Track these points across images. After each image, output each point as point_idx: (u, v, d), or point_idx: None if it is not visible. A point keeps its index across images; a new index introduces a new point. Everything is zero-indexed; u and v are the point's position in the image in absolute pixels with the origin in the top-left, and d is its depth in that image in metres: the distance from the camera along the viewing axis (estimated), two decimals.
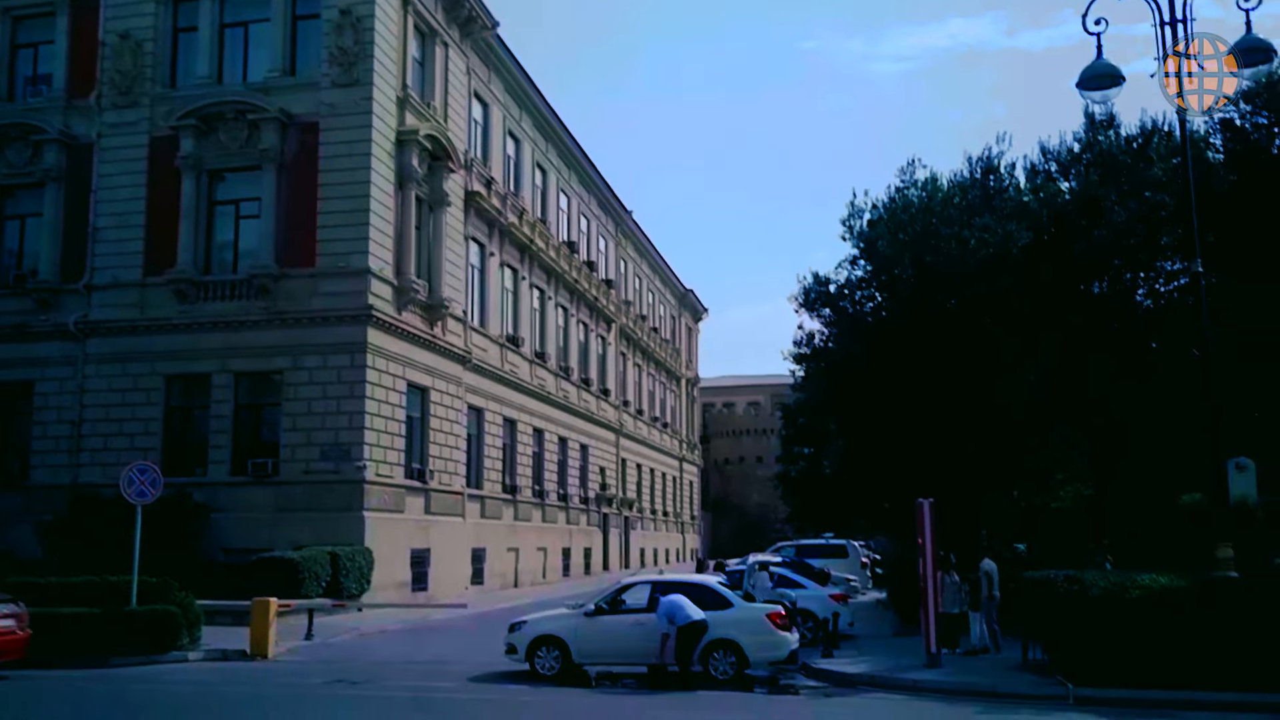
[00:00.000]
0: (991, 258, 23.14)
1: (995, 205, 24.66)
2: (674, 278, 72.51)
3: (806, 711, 14.86)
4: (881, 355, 25.37)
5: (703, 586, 17.91)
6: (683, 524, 73.41)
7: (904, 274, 24.78)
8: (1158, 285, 23.93)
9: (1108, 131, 24.53)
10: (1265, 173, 20.21)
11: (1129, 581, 16.01)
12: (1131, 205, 22.80)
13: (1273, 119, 20.40)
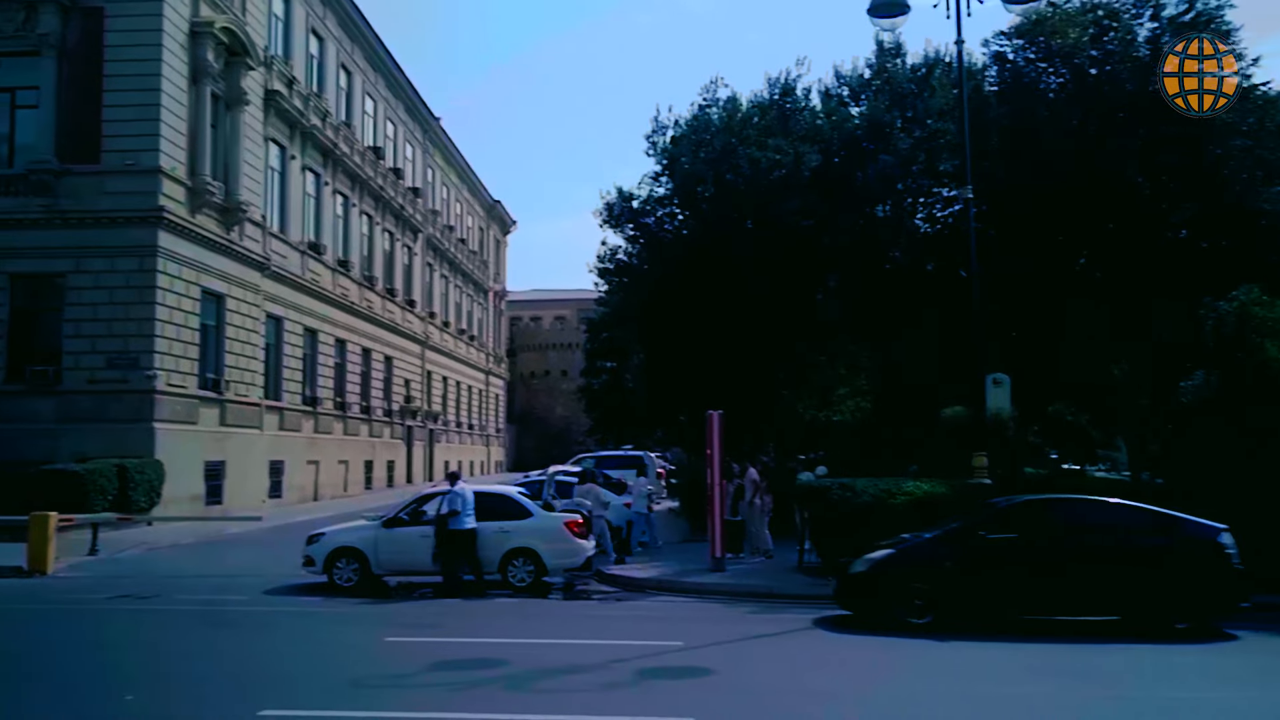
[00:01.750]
0: (784, 179, 24.01)
1: (791, 127, 25.50)
2: (483, 189, 71.49)
3: (595, 614, 15.55)
4: (682, 271, 26.02)
5: (503, 496, 18.30)
6: (488, 437, 73.68)
7: (705, 192, 25.39)
8: (936, 210, 25.41)
9: (895, 60, 25.65)
10: (1032, 105, 21.63)
11: (895, 488, 17.42)
12: (915, 132, 24.06)
13: (1040, 55, 21.83)
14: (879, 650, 12.33)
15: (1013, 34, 22.20)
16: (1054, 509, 14.40)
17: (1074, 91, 21.41)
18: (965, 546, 13.72)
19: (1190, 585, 13.19)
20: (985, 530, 13.82)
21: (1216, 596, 13.31)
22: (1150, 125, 20.47)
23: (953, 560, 13.61)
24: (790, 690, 10.19)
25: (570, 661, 11.33)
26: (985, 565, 13.57)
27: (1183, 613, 13.22)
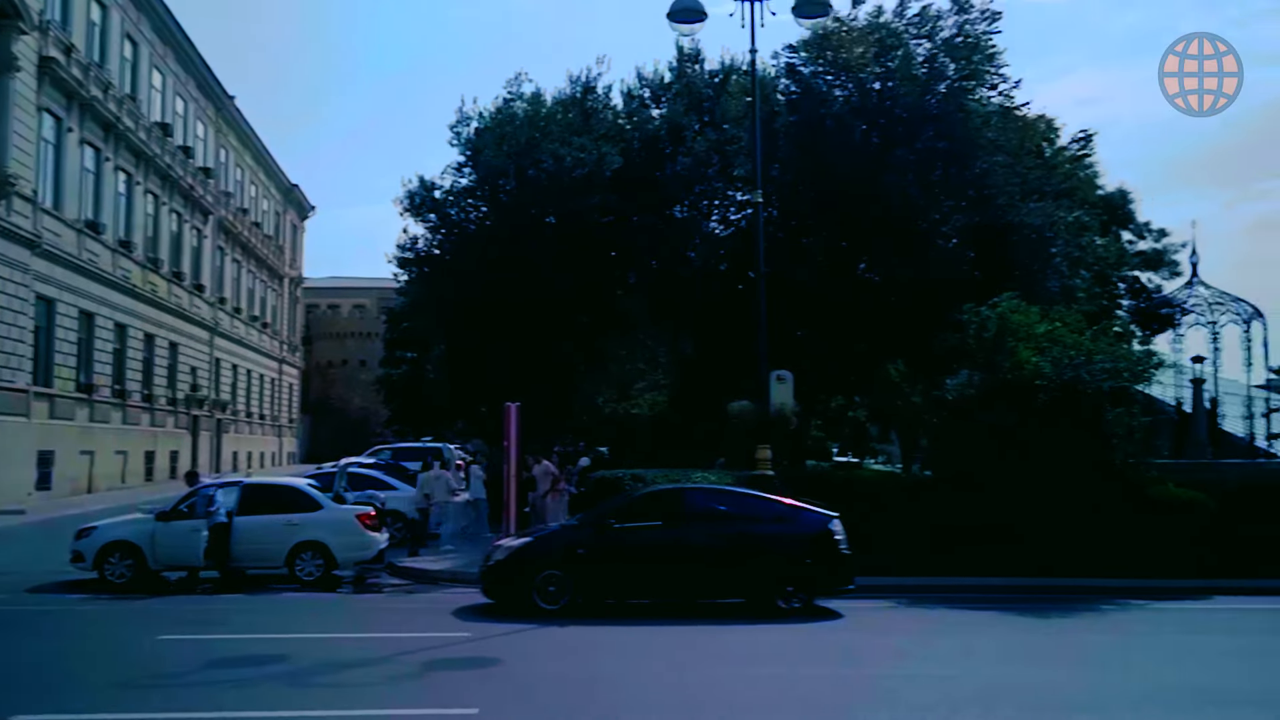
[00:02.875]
0: (587, 176, 24.37)
1: (593, 125, 25.89)
2: (280, 172, 68.84)
3: (385, 607, 15.42)
4: (484, 264, 25.99)
5: (291, 488, 17.85)
6: (280, 427, 71.10)
7: (507, 185, 25.45)
8: (730, 213, 26.35)
9: (695, 65, 26.44)
10: (820, 116, 22.74)
11: (684, 479, 18.01)
12: (712, 136, 24.87)
13: (828, 68, 23.00)
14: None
15: (802, 47, 23.28)
16: (684, 498, 15.29)
17: (858, 105, 22.66)
18: (598, 534, 14.31)
19: (805, 568, 14.19)
20: (615, 519, 14.47)
21: (827, 578, 14.35)
22: (926, 140, 21.92)
23: (586, 548, 14.16)
24: (574, 679, 10.43)
25: (356, 655, 11.24)
26: (617, 552, 14.18)
27: (799, 593, 14.09)
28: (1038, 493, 17.20)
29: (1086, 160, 26.91)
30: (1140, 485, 17.95)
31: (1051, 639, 13.39)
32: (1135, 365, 19.19)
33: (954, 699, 9.40)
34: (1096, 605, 15.74)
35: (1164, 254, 30.32)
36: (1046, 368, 17.73)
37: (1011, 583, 16.84)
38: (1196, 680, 10.33)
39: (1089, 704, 9.40)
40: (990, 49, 22.43)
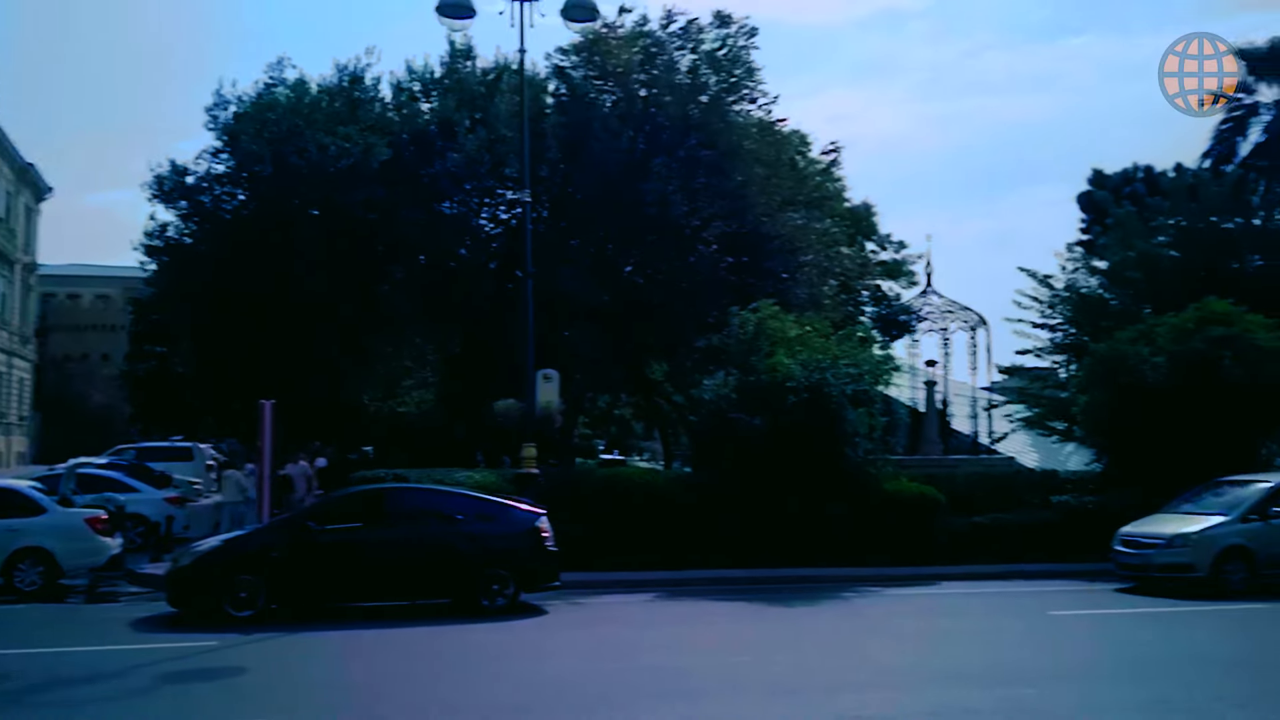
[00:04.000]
0: (353, 167, 23.73)
1: (360, 116, 25.24)
2: (12, 149, 63.12)
3: (119, 616, 14.45)
4: (241, 254, 24.82)
5: (11, 491, 16.47)
6: (9, 425, 65.22)
7: (264, 171, 24.42)
8: (500, 211, 26.30)
9: (467, 62, 26.24)
10: (588, 119, 23.05)
11: (447, 478, 17.84)
12: (482, 134, 24.75)
13: (596, 73, 23.39)
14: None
15: (572, 51, 23.59)
16: (386, 498, 15.06)
17: (625, 110, 23.17)
18: (294, 537, 13.83)
19: (511, 566, 14.15)
20: (314, 521, 14.06)
21: (534, 575, 14.42)
22: (689, 148, 22.66)
23: (280, 551, 13.64)
24: (326, 685, 10.16)
25: (86, 669, 10.51)
26: (315, 555, 13.70)
27: (505, 591, 14.05)
28: (788, 488, 18.12)
29: (835, 174, 28.60)
30: (878, 480, 19.23)
31: (786, 626, 14.06)
32: (875, 369, 20.51)
33: (634, 687, 9.66)
34: (839, 593, 16.66)
35: (903, 264, 32.62)
36: (796, 370, 18.66)
37: (763, 574, 17.66)
38: (926, 661, 11.04)
39: (795, 686, 9.77)
40: (749, 64, 23.46)
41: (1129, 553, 16.81)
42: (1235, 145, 35.15)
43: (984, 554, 18.84)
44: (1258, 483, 17.15)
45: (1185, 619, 14.26)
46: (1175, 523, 16.74)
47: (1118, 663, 11.20)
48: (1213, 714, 8.76)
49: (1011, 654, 11.63)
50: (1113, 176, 43.27)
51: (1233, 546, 16.10)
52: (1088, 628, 13.83)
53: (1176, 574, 16.14)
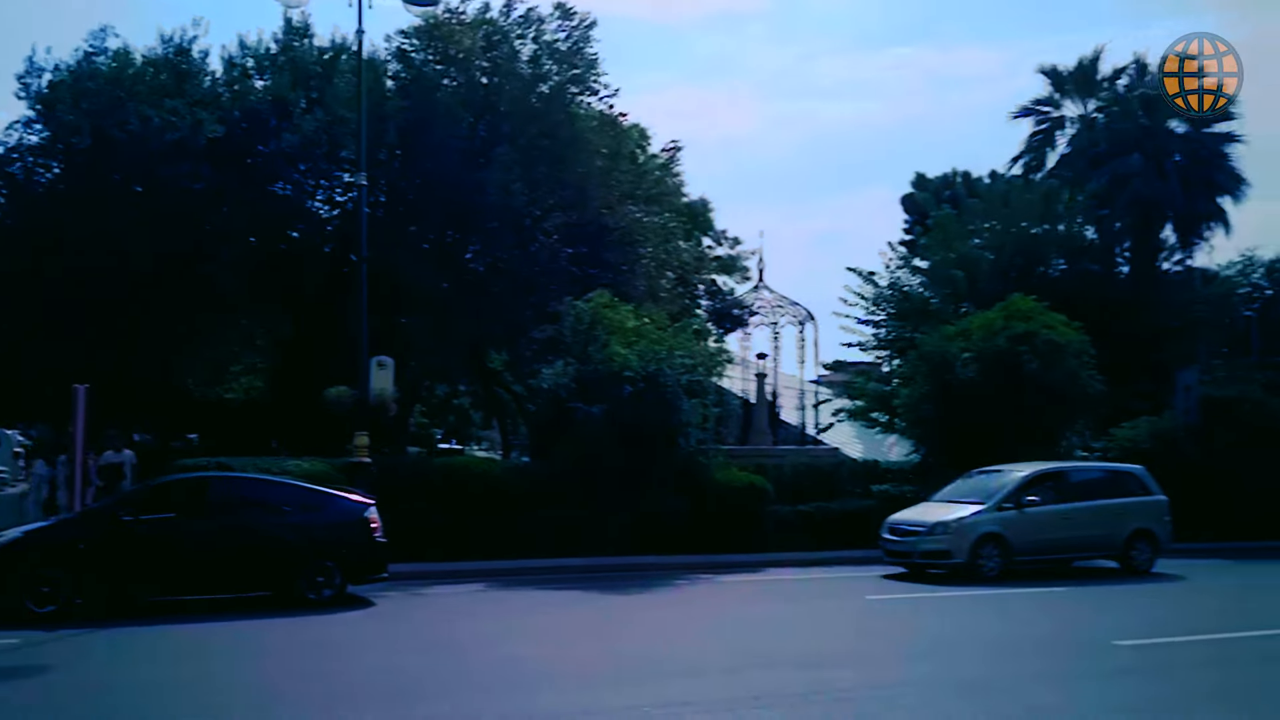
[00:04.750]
0: (179, 143, 22.75)
1: (188, 90, 24.17)
2: None
3: None
4: (55, 230, 23.44)
5: None
6: None
7: (80, 144, 23.13)
8: (336, 194, 25.67)
9: (304, 40, 25.47)
10: (430, 104, 22.74)
11: (276, 468, 17.39)
12: (320, 115, 24.10)
13: (438, 58, 23.12)
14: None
15: (413, 34, 23.24)
16: (207, 487, 14.46)
17: (467, 97, 22.97)
18: (104, 528, 13.25)
19: (337, 557, 13.88)
20: (124, 511, 13.46)
21: (361, 567, 14.19)
22: (531, 137, 22.66)
23: (89, 543, 13.06)
24: (131, 686, 9.75)
25: None
26: (126, 547, 13.12)
27: (332, 582, 13.80)
28: (624, 477, 18.45)
29: (674, 170, 29.09)
30: (710, 469, 19.78)
31: (615, 613, 14.31)
32: (709, 360, 21.09)
33: (454, 679, 9.67)
34: (671, 581, 17.04)
35: (737, 260, 33.45)
36: (633, 361, 18.99)
37: (598, 562, 17.95)
38: (747, 646, 11.37)
39: (615, 674, 9.89)
40: (591, 57, 23.61)
41: (895, 540, 17.49)
42: (1044, 155, 37.43)
43: (808, 541, 19.62)
44: (1014, 473, 17.92)
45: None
46: (938, 511, 17.51)
47: (927, 643, 11.78)
48: (1020, 690, 9.29)
49: (827, 638, 12.10)
50: (934, 180, 45.48)
51: (988, 534, 16.83)
52: (906, 611, 14.50)
53: (937, 560, 16.89)
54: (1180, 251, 35.53)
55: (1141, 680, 9.72)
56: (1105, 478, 18.87)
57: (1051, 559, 17.48)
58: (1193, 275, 35.14)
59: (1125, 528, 17.74)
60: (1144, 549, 17.79)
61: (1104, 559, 17.94)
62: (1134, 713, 8.54)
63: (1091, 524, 17.63)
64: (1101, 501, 17.98)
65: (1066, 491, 18.01)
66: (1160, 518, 18.16)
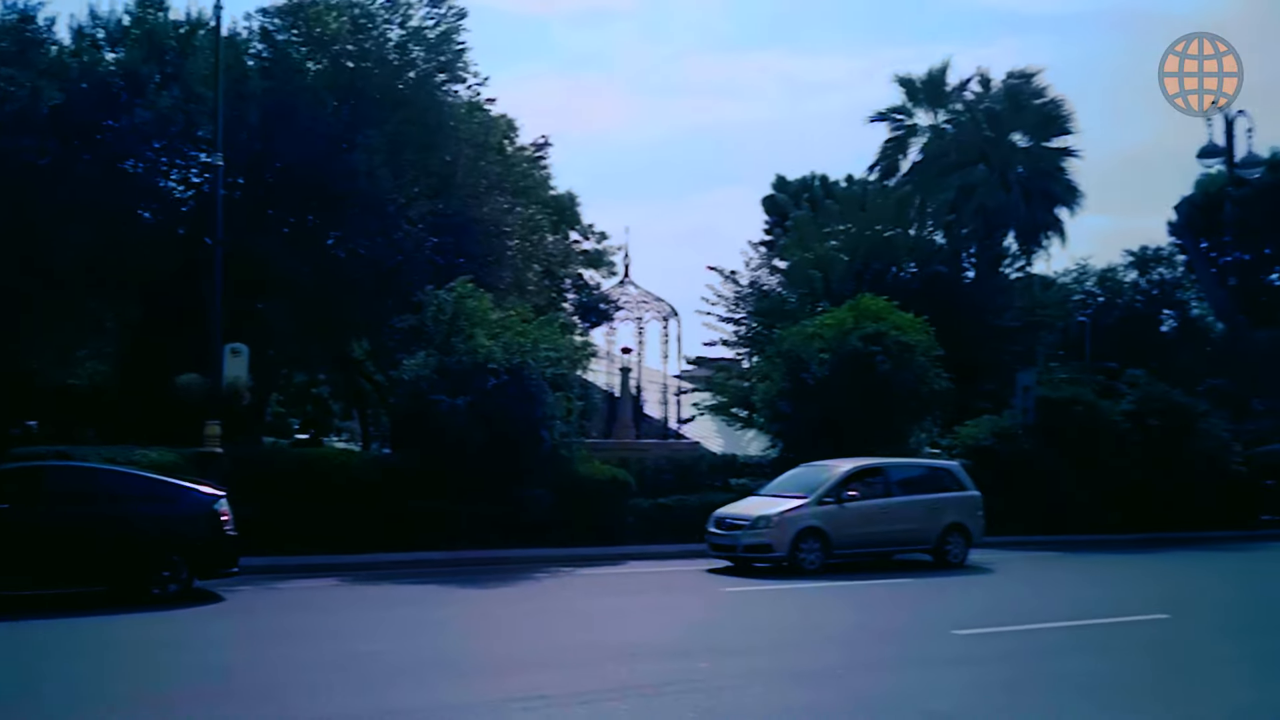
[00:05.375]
0: (19, 113, 21.55)
1: (31, 58, 22.87)
2: None
3: None
4: None
5: None
6: None
7: None
8: (192, 175, 24.68)
9: (159, 12, 24.41)
10: (293, 85, 22.08)
11: (123, 457, 16.71)
12: (176, 92, 23.13)
13: (302, 38, 22.51)
14: None
15: (276, 12, 22.58)
16: (44, 477, 13.93)
17: (332, 80, 22.42)
18: None
19: (184, 551, 13.55)
20: None
21: (210, 561, 13.88)
22: (397, 124, 22.29)
23: None
24: None
25: None
26: None
27: (177, 577, 13.47)
28: (486, 469, 18.41)
29: (542, 162, 29.07)
30: (572, 462, 19.91)
31: (475, 607, 14.33)
32: (574, 354, 21.23)
33: (302, 675, 9.56)
34: (532, 574, 17.12)
35: (604, 255, 33.67)
36: (498, 352, 18.96)
37: (459, 556, 17.88)
38: (606, 638, 11.60)
39: (473, 668, 9.88)
40: (460, 45, 23.34)
41: (720, 533, 17.71)
42: (898, 161, 38.96)
43: (668, 534, 19.96)
44: (836, 468, 18.34)
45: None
46: (763, 505, 17.81)
47: (775, 634, 12.26)
48: (847, 677, 9.84)
49: (681, 629, 12.37)
50: (793, 182, 46.71)
51: (809, 528, 17.14)
52: (759, 603, 14.92)
53: (759, 554, 17.21)
54: (1021, 258, 37.54)
55: (978, 669, 10.24)
56: (923, 474, 19.46)
57: (871, 552, 17.93)
58: (1032, 281, 37.15)
59: (940, 522, 18.34)
60: (957, 543, 18.42)
61: (920, 552, 18.49)
62: (958, 696, 8.98)
63: (909, 518, 18.20)
64: (918, 497, 18.57)
65: (887, 487, 18.51)
66: (974, 512, 18.85)
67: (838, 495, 17.73)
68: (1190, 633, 12.63)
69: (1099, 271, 42.36)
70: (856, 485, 18.19)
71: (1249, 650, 11.45)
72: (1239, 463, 26.80)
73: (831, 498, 17.66)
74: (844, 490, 17.87)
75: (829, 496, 17.66)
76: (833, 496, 17.69)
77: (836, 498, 17.70)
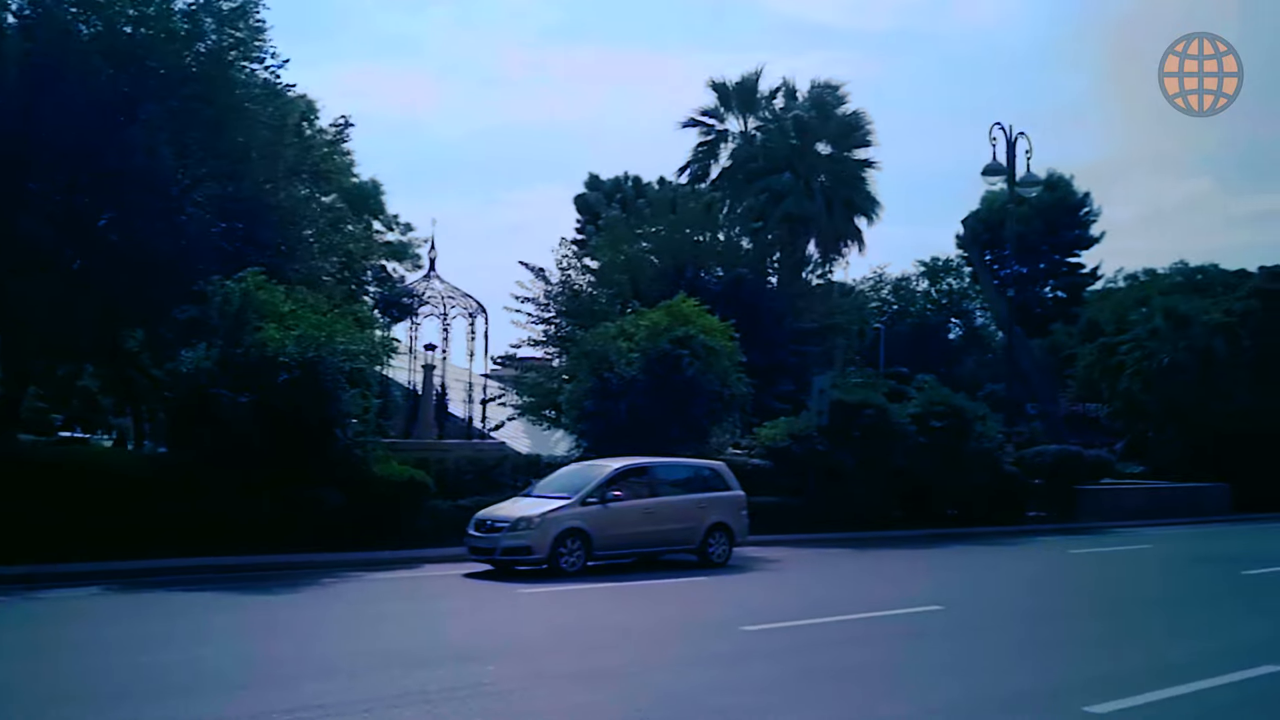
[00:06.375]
0: None
1: None
2: None
3: None
4: None
5: None
6: None
7: None
8: None
9: None
10: (62, 48, 20.16)
11: None
12: None
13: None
14: None
15: None
16: None
17: (109, 46, 20.63)
18: None
19: None
20: None
21: None
22: (184, 99, 20.79)
23: None
24: None
25: None
26: None
27: None
28: (275, 469, 17.39)
29: (344, 147, 27.86)
30: (368, 463, 19.05)
31: (257, 615, 13.50)
32: (373, 349, 20.35)
33: (52, 692, 8.81)
34: (320, 579, 16.29)
35: (409, 247, 32.68)
36: (290, 346, 17.94)
37: (243, 561, 16.76)
38: (388, 644, 11.06)
39: (244, 681, 9.33)
40: (257, 21, 21.98)
41: (479, 536, 17.00)
42: (709, 166, 39.60)
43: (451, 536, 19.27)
44: (603, 467, 18.05)
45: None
46: (525, 506, 17.23)
47: (559, 635, 12.11)
48: (640, 676, 9.74)
49: (469, 633, 12.05)
50: (607, 182, 46.91)
51: (571, 529, 16.68)
52: (549, 606, 14.62)
53: (518, 557, 16.59)
54: (823, 265, 38.81)
55: (768, 663, 10.27)
56: (690, 474, 19.21)
57: (634, 553, 17.79)
58: (833, 288, 38.47)
59: (705, 522, 18.21)
60: (721, 542, 18.34)
61: (685, 553, 18.32)
62: (747, 692, 9.04)
63: (673, 518, 18.02)
64: (684, 496, 18.46)
65: (652, 487, 18.26)
66: (738, 512, 18.85)
67: (601, 496, 17.32)
68: (963, 622, 13.31)
69: (894, 280, 44.35)
70: (622, 485, 17.83)
71: (1016, 638, 12.38)
72: (1012, 463, 28.59)
73: (595, 498, 17.23)
74: (608, 490, 17.49)
75: (593, 497, 17.21)
76: (596, 497, 17.25)
77: (600, 498, 17.28)
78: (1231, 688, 9.52)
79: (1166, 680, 9.53)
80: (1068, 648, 11.69)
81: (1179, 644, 11.96)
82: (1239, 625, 13.35)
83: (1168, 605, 15.82)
